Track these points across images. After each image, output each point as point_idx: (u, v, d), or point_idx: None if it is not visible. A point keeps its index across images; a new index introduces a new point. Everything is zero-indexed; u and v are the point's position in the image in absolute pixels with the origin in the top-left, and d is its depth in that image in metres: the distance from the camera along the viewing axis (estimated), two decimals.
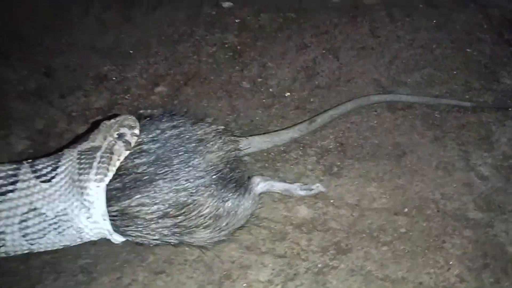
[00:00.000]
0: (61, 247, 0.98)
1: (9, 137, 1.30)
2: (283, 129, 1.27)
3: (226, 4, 1.83)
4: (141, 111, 1.33)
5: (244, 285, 0.98)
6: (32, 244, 0.95)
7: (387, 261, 1.03)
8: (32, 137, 1.30)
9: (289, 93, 1.45)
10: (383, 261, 1.03)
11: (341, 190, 1.18)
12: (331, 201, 1.15)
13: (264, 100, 1.43)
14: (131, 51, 1.62)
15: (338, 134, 1.31)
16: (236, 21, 1.75)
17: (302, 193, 1.14)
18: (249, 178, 1.10)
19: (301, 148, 1.27)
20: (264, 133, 1.26)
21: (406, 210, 1.13)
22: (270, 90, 1.46)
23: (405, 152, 1.26)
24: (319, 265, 1.02)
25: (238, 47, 1.63)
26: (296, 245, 1.06)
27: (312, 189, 1.13)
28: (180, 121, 1.05)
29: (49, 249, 0.98)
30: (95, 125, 1.07)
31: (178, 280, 1.00)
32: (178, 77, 1.52)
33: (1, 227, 0.92)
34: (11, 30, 1.61)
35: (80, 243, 0.99)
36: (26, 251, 0.97)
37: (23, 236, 0.93)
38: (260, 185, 1.09)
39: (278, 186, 1.12)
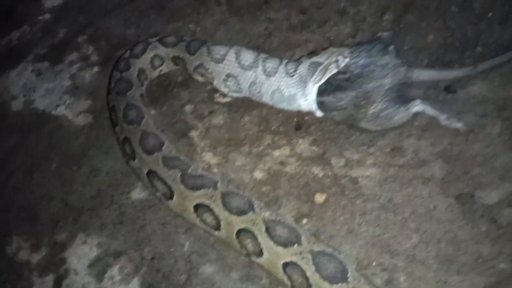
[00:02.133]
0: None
1: None
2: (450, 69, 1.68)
3: None
4: (378, 34, 1.91)
5: None
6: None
7: None
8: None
9: (491, 13, 1.91)
10: None
11: None
12: None
13: (472, 20, 1.91)
14: None
15: None
16: None
17: (445, 123, 1.55)
18: (412, 99, 1.58)
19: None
20: (433, 68, 1.69)
21: None
22: (476, 11, 1.93)
23: None
24: None
25: None
26: None
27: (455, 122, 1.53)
28: (375, 51, 1.60)
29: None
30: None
31: None
32: (398, 7, 2.05)
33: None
34: None
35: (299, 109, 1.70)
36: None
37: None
38: (417, 106, 1.57)
39: (430, 111, 1.57)
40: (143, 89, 1.89)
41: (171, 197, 1.49)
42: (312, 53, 1.75)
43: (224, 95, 1.89)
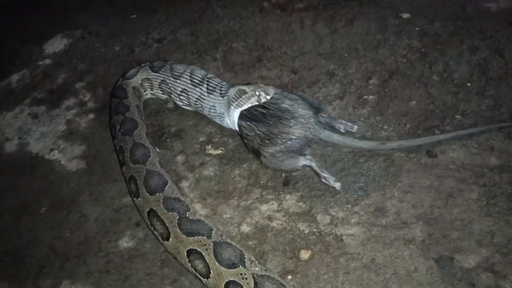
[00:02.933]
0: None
1: None
2: (359, 138, 1.82)
3: (405, 15, 2.46)
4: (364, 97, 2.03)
5: None
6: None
7: None
8: None
9: (469, 84, 2.05)
10: None
11: None
12: None
13: (451, 89, 2.05)
14: (345, 55, 2.31)
15: None
16: (416, 29, 2.37)
17: (325, 181, 1.69)
18: (305, 154, 1.72)
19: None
20: (343, 135, 1.82)
21: None
22: (455, 81, 2.08)
23: None
24: None
25: (423, 50, 2.26)
26: None
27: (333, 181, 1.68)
28: (296, 101, 1.76)
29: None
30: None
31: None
32: (384, 73, 2.19)
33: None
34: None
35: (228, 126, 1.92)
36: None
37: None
38: (306, 161, 1.71)
39: (315, 167, 1.70)
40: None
41: (168, 239, 1.53)
42: (248, 83, 1.89)
43: (216, 147, 1.96)
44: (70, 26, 2.88)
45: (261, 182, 1.81)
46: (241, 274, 1.35)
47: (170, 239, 1.52)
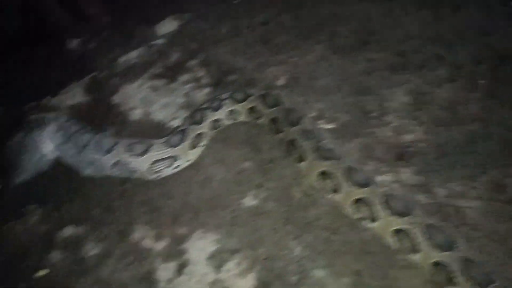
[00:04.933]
0: None
1: None
2: None
3: None
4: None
5: None
6: None
7: None
8: None
9: None
10: None
11: None
12: None
13: None
14: (453, 40, 2.35)
15: None
16: None
17: None
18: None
19: None
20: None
21: None
22: None
23: None
24: None
25: None
26: None
27: None
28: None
29: None
30: None
31: None
32: (494, 58, 2.20)
33: None
34: None
35: None
36: None
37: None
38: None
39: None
40: None
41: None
42: None
43: (328, 121, 2.07)
44: (179, 10, 3.10)
45: (375, 155, 1.89)
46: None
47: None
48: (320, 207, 1.77)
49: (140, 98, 2.47)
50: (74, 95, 2.62)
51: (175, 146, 1.94)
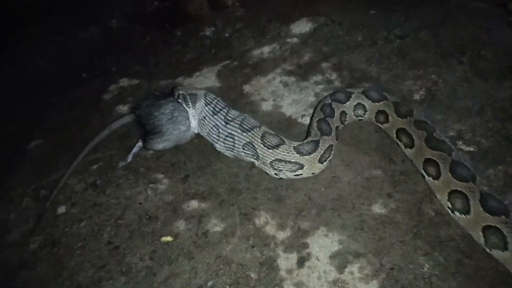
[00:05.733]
0: None
1: None
2: None
3: None
4: None
5: None
6: None
7: None
8: None
9: None
10: None
11: None
12: None
13: None
14: None
15: None
16: None
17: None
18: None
19: None
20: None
21: None
22: None
23: None
24: None
25: None
26: None
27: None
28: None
29: None
30: None
31: None
32: None
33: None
34: None
35: None
36: None
37: None
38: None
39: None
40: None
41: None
42: None
43: (467, 144, 1.99)
44: (313, 13, 3.15)
45: None
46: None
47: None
48: (453, 228, 1.70)
49: (271, 91, 2.54)
50: (207, 79, 2.76)
51: (305, 154, 1.92)
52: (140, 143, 2.25)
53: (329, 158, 1.97)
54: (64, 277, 1.80)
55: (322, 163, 1.94)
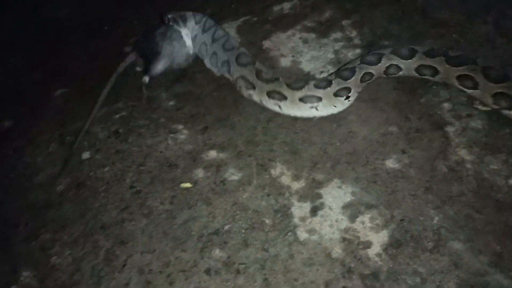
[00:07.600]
0: None
1: None
2: None
3: None
4: None
5: None
6: None
7: None
8: None
9: None
10: None
11: None
12: None
13: None
14: None
15: None
16: None
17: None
18: None
19: None
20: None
21: None
22: None
23: None
24: None
25: None
26: None
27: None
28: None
29: None
30: None
31: None
32: None
33: None
34: None
35: None
36: None
37: None
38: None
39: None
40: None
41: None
42: None
43: (483, 104, 1.99)
44: None
45: None
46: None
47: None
48: (465, 184, 1.74)
49: (291, 47, 2.55)
50: None
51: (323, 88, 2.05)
52: (145, 77, 2.40)
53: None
54: (89, 216, 1.90)
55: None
